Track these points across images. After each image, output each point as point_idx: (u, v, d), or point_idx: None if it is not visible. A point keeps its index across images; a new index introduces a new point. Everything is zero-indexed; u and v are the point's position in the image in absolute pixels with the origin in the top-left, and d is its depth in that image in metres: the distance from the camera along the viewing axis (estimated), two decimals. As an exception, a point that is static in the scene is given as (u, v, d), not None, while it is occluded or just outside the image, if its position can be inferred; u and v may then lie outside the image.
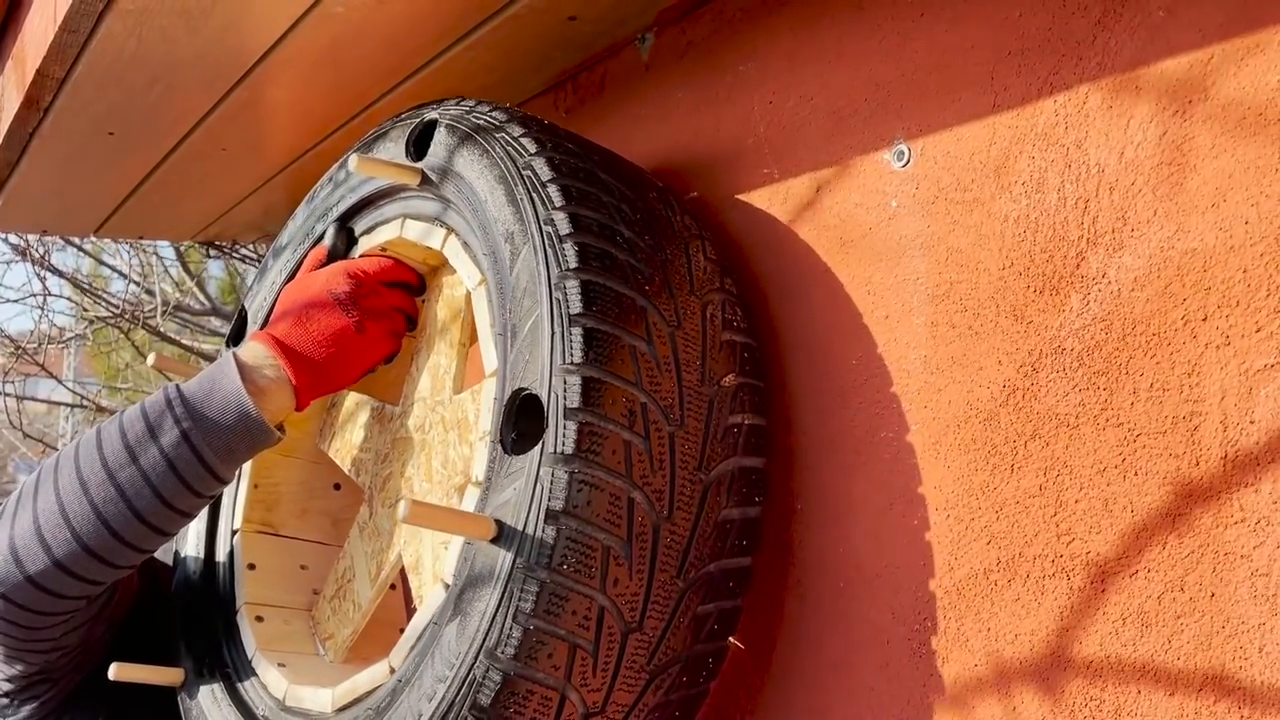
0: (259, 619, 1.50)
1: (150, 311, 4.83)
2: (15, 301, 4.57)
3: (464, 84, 1.72)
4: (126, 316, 4.78)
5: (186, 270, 5.43)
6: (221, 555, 1.57)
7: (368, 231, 1.48)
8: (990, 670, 1.00)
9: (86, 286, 5.06)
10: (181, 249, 5.16)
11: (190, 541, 1.61)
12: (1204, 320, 0.86)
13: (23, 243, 4.42)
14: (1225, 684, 0.83)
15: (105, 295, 5.15)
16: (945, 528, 1.06)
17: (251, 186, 2.30)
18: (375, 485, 1.47)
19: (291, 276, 1.57)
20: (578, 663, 1.01)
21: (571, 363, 1.03)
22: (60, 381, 5.00)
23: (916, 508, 1.08)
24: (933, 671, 1.06)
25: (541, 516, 1.01)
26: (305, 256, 1.50)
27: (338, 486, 1.68)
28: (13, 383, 4.38)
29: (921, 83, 1.12)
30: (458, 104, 1.33)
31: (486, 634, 1.01)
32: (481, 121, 1.26)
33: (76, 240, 5.16)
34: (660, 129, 1.49)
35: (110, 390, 6.63)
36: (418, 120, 1.36)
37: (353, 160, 1.35)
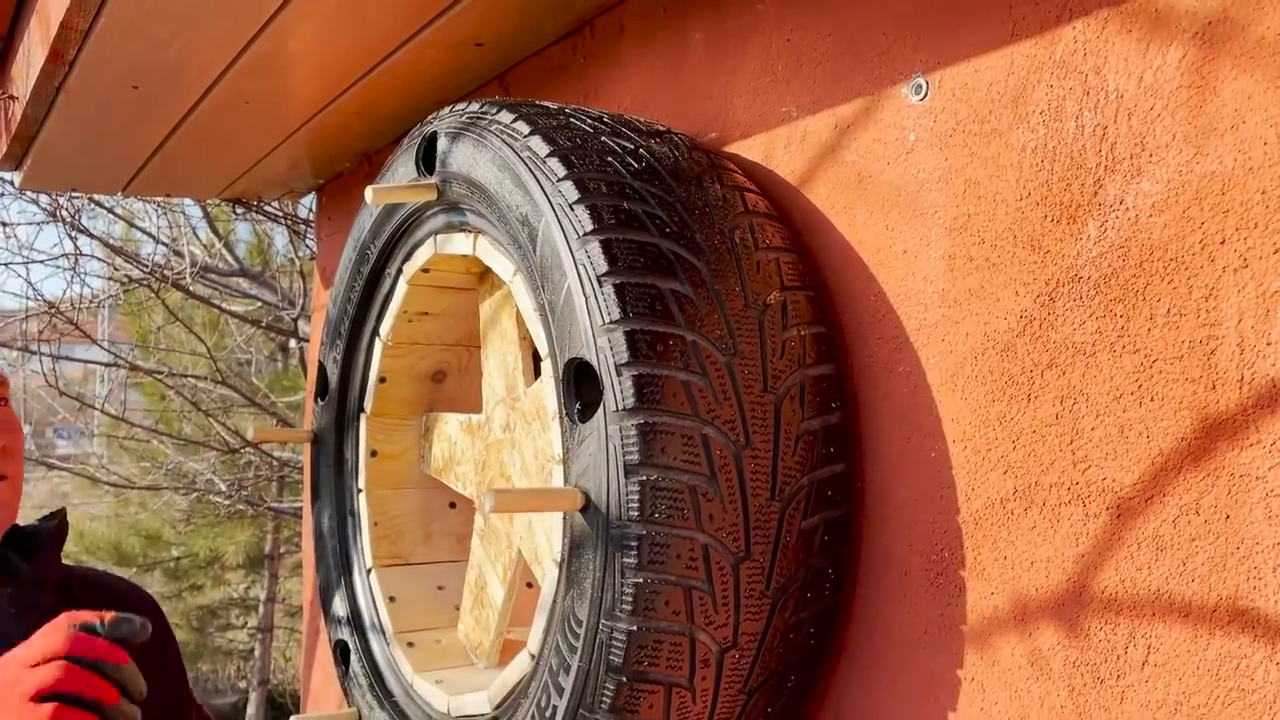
0: (410, 645, 1.58)
1: (180, 272, 4.88)
2: (46, 262, 4.63)
3: (481, 31, 1.72)
4: (157, 276, 4.85)
5: (214, 231, 5.48)
6: (362, 596, 1.65)
7: (407, 259, 1.52)
8: (1007, 598, 1.02)
9: (117, 246, 5.12)
10: (208, 207, 5.21)
11: (334, 592, 1.69)
12: (1222, 243, 0.86)
13: (53, 203, 4.48)
14: (1239, 604, 0.84)
15: (135, 256, 5.21)
16: (963, 459, 1.06)
17: (275, 141, 2.31)
18: (482, 492, 1.52)
19: (354, 321, 1.63)
20: (696, 603, 1.03)
21: (611, 320, 1.05)
22: (95, 341, 5.08)
23: (934, 440, 1.09)
24: (950, 600, 1.07)
25: (621, 473, 1.02)
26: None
27: (453, 505, 1.74)
28: (48, 342, 4.45)
29: (939, 15, 1.11)
30: (451, 110, 1.35)
31: (601, 597, 1.04)
32: (474, 119, 1.28)
33: (106, 203, 5.22)
34: (679, 72, 1.49)
35: (144, 351, 6.73)
36: (420, 137, 1.39)
37: (368, 193, 1.38)
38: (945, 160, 1.09)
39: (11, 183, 4.63)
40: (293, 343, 7.15)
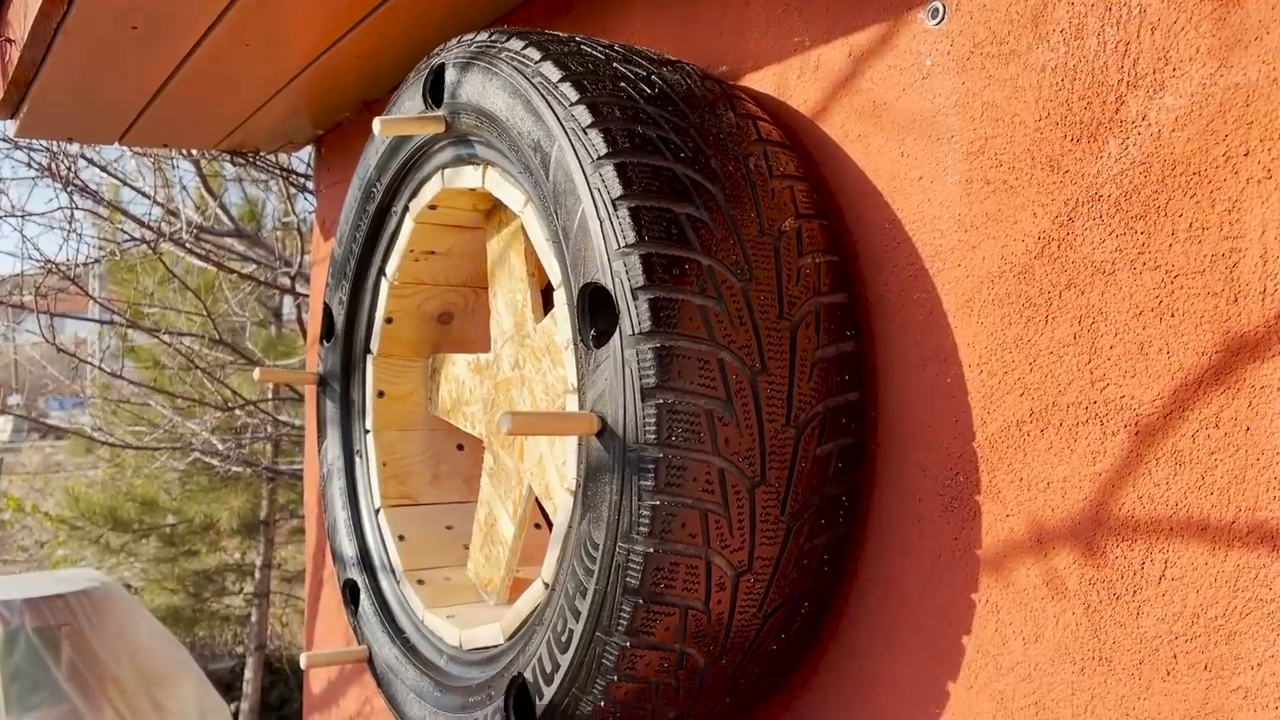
0: (420, 582, 1.59)
1: (176, 230, 4.86)
2: (39, 219, 4.60)
3: (487, -31, 1.70)
4: (156, 231, 4.83)
5: (209, 190, 5.44)
6: (371, 536, 1.65)
7: (414, 195, 1.51)
8: (1022, 520, 1.02)
9: (115, 204, 5.09)
10: (203, 161, 5.17)
11: (342, 533, 1.69)
12: (1245, 155, 0.85)
13: (49, 153, 4.44)
14: (1258, 515, 0.84)
15: (132, 215, 5.18)
16: (978, 383, 1.06)
17: (275, 87, 2.29)
18: (491, 431, 1.52)
19: (360, 262, 1.62)
20: (712, 526, 1.03)
21: (626, 244, 1.04)
22: (92, 297, 5.06)
23: (949, 366, 1.09)
24: (964, 524, 1.07)
25: (638, 396, 1.02)
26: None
27: (461, 447, 1.74)
28: (44, 296, 4.44)
29: (957, -64, 1.09)
30: (459, 41, 1.34)
31: (617, 521, 1.04)
32: (484, 49, 1.27)
33: (98, 161, 5.17)
34: (689, 6, 1.47)
35: (136, 313, 6.70)
36: (428, 69, 1.37)
37: (376, 124, 1.37)
38: (962, 84, 1.08)
39: (5, 136, 4.58)
40: (288, 306, 7.13)
